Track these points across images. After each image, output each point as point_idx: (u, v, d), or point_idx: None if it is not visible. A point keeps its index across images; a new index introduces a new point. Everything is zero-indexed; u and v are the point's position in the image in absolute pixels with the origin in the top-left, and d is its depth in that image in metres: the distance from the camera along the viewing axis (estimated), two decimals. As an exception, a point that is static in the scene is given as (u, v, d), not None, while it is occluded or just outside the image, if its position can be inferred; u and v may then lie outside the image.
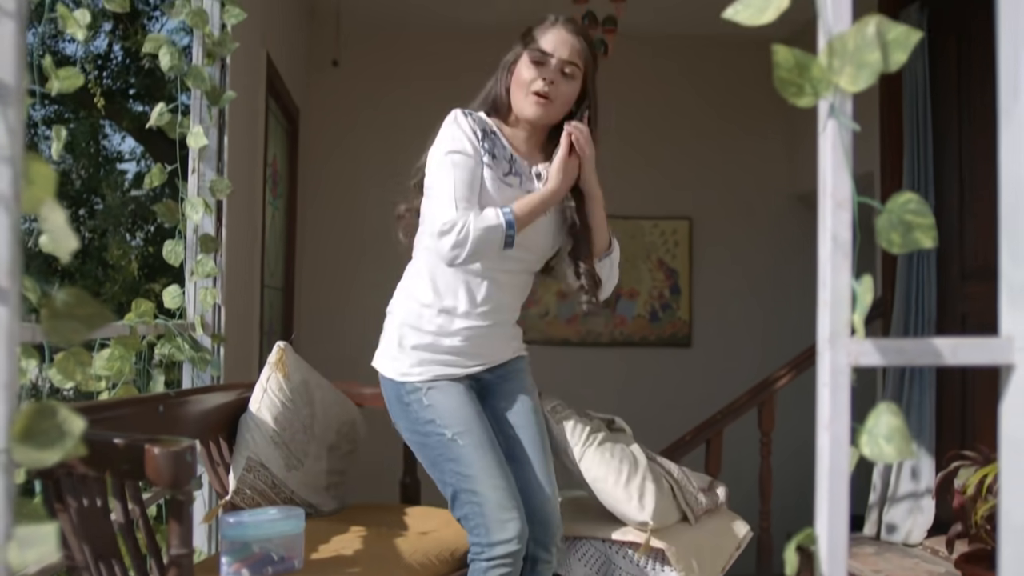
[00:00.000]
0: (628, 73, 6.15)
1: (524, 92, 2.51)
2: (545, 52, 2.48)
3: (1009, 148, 1.14)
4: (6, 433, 1.04)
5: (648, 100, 6.56)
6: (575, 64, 2.51)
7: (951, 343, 1.12)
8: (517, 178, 2.53)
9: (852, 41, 1.08)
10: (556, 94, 2.50)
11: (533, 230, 2.49)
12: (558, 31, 2.52)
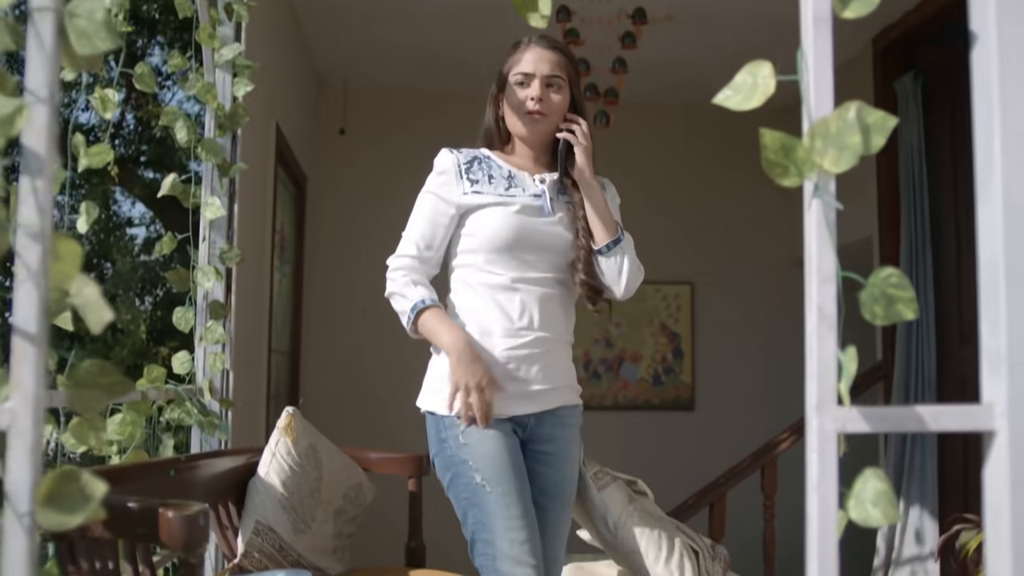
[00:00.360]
0: (631, 141, 6.26)
1: (519, 115, 2.53)
2: (527, 74, 2.51)
3: (986, 224, 1.20)
4: (31, 497, 1.09)
5: (650, 168, 6.66)
6: (558, 76, 2.53)
7: (933, 410, 1.16)
8: (519, 189, 2.52)
9: (834, 125, 1.14)
10: (548, 108, 2.51)
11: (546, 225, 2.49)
12: (534, 50, 2.54)
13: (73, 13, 1.15)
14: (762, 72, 1.20)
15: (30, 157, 1.12)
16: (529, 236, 2.45)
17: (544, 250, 2.47)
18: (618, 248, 2.47)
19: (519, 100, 2.52)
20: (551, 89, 2.52)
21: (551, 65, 2.52)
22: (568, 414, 2.53)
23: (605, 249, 2.47)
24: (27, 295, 1.10)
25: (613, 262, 2.47)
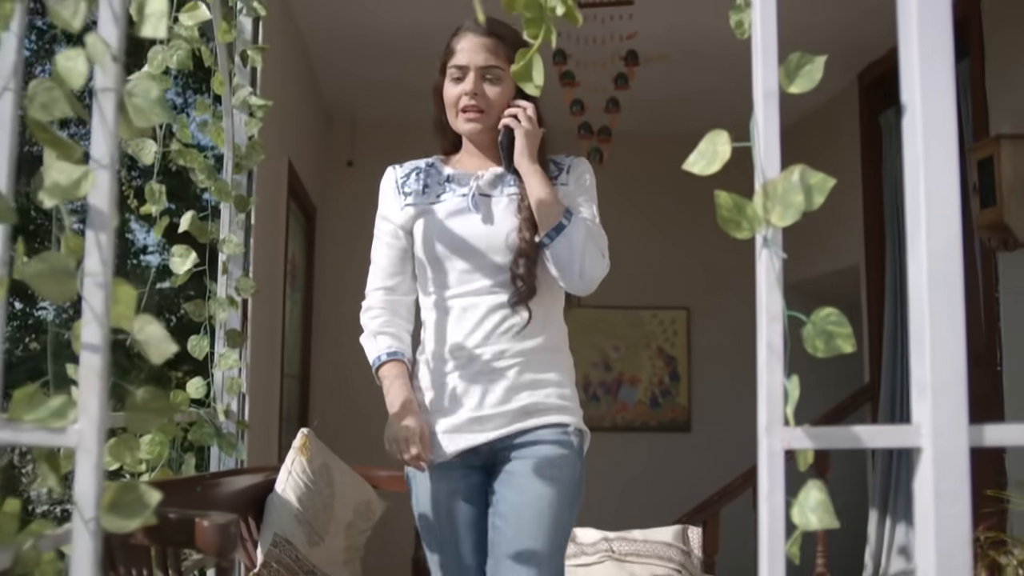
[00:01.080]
0: (629, 172, 6.44)
1: (454, 112, 2.29)
2: (461, 66, 2.25)
3: (914, 270, 1.37)
4: (96, 504, 1.27)
5: (648, 198, 6.83)
6: (495, 66, 2.24)
7: (869, 430, 1.33)
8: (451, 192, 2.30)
9: (781, 186, 1.31)
10: (485, 104, 2.25)
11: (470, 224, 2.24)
12: (468, 39, 2.26)
13: (131, 93, 1.34)
14: (720, 141, 1.38)
15: (94, 215, 1.30)
16: (451, 240, 2.22)
17: (476, 253, 2.21)
18: (560, 235, 2.14)
19: (453, 96, 2.27)
20: (488, 82, 2.24)
21: (487, 54, 2.24)
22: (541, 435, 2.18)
23: (546, 239, 2.15)
24: (92, 334, 1.28)
25: (557, 250, 2.15)
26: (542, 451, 2.16)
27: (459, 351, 2.19)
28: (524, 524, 2.10)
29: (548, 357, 2.23)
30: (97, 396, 1.28)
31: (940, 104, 1.36)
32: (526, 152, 2.19)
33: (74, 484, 1.27)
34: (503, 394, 2.17)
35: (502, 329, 2.18)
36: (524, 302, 2.17)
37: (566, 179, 2.30)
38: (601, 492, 6.45)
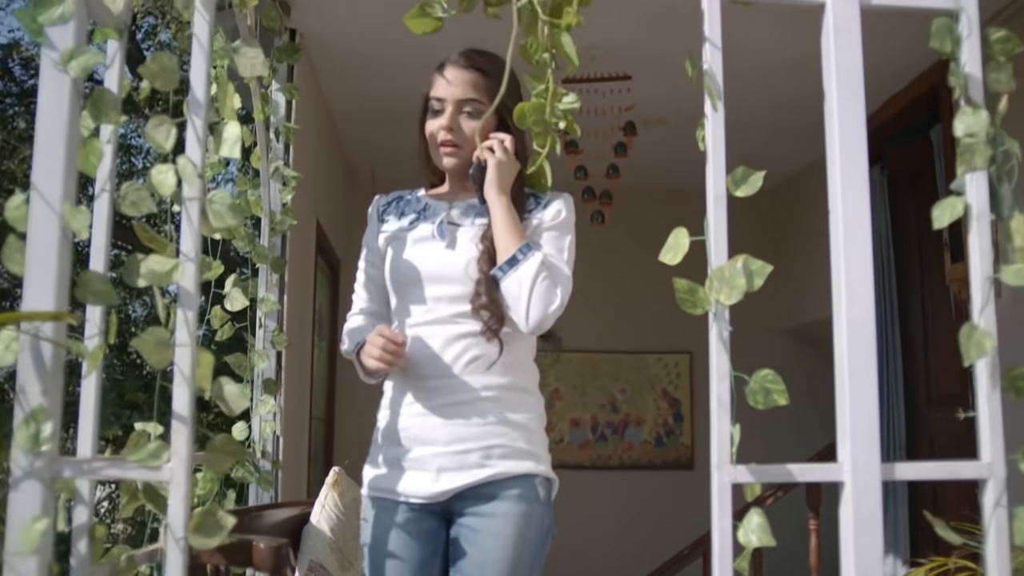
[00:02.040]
0: (635, 225, 6.74)
1: (434, 146, 2.22)
2: (440, 98, 2.18)
3: (839, 335, 1.68)
4: (184, 526, 1.58)
5: (653, 249, 7.09)
6: (474, 100, 2.14)
7: (800, 468, 1.63)
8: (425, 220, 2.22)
9: (727, 271, 1.62)
10: (461, 139, 2.17)
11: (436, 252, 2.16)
12: (449, 71, 2.18)
13: (211, 200, 1.66)
14: (682, 236, 1.69)
15: (184, 296, 1.62)
16: (413, 267, 2.14)
17: (435, 281, 2.13)
18: (513, 268, 2.03)
19: (432, 130, 2.20)
20: (466, 115, 2.16)
21: (467, 87, 2.15)
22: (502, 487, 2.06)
23: (499, 272, 2.04)
24: (181, 393, 1.60)
25: (508, 285, 2.04)
26: (507, 508, 2.03)
27: (420, 383, 2.08)
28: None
29: (516, 397, 2.11)
30: (185, 442, 1.59)
31: (857, 212, 1.68)
32: (495, 183, 2.08)
33: (167, 510, 1.59)
34: (466, 431, 2.04)
35: (465, 360, 2.07)
36: (494, 334, 2.05)
37: (541, 214, 2.17)
38: (609, 526, 6.72)
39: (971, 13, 1.77)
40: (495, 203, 2.08)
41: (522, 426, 2.09)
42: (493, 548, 1.99)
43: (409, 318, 2.14)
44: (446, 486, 2.03)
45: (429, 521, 2.07)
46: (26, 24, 1.62)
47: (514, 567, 1.99)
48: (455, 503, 2.04)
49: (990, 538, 1.69)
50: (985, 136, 1.74)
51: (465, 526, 2.02)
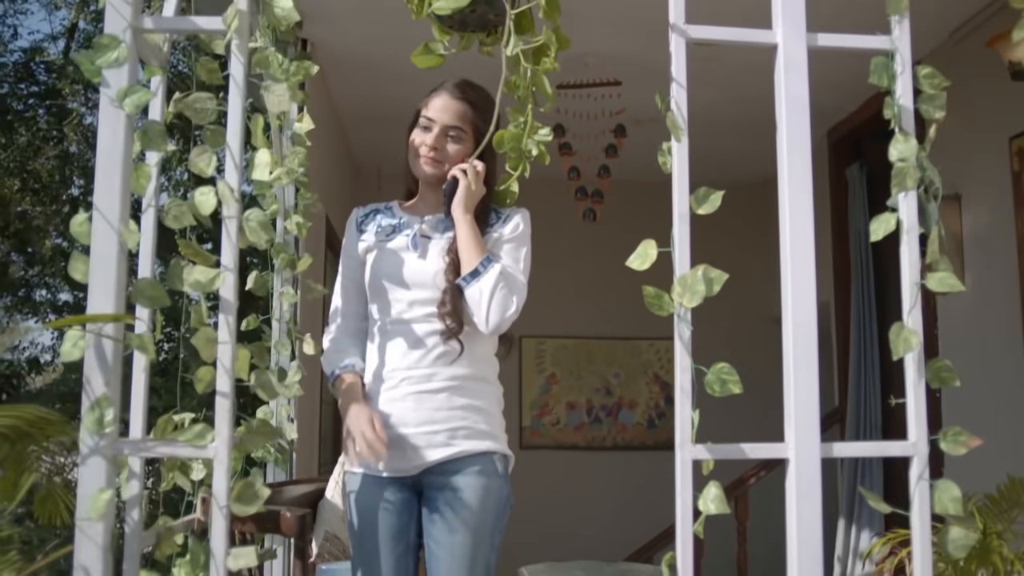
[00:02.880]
0: (628, 217, 6.98)
1: (415, 155, 2.45)
2: (430, 119, 2.41)
3: (786, 333, 1.92)
4: (227, 496, 1.82)
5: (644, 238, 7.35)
6: (459, 128, 2.39)
7: (751, 446, 1.88)
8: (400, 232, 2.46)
9: (690, 279, 1.86)
10: (442, 157, 2.41)
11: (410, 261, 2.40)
12: (442, 98, 2.43)
13: (247, 219, 1.90)
14: (650, 247, 1.92)
15: (224, 304, 1.86)
16: (393, 274, 2.38)
17: (411, 285, 2.36)
18: (475, 279, 2.28)
19: (417, 143, 2.44)
20: (450, 139, 2.41)
21: (454, 116, 2.40)
22: (464, 463, 2.30)
23: (462, 282, 2.29)
24: (223, 383, 1.84)
25: (471, 293, 2.28)
26: (470, 481, 2.27)
27: (394, 372, 2.33)
28: (456, 551, 2.24)
29: (477, 386, 2.37)
30: (227, 424, 1.84)
31: (802, 226, 1.92)
32: (462, 203, 2.32)
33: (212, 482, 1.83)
34: (434, 415, 2.29)
35: (435, 355, 2.31)
36: (454, 336, 2.30)
37: (500, 228, 2.40)
38: (603, 504, 6.97)
39: (904, 53, 2.01)
40: (460, 220, 2.33)
41: (483, 410, 2.37)
42: (459, 516, 2.25)
43: (387, 317, 2.38)
44: (417, 462, 2.28)
45: (403, 493, 2.31)
46: (85, 67, 1.85)
47: (478, 532, 2.25)
48: (425, 477, 2.29)
49: (914, 507, 1.94)
50: (915, 160, 1.98)
51: (434, 498, 2.28)
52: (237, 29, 1.93)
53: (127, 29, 1.89)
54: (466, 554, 2.24)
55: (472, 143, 2.40)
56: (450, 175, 2.38)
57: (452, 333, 2.31)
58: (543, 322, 7.07)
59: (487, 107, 2.35)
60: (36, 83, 6.59)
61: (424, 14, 1.87)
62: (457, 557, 2.24)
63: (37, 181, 5.97)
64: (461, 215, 2.33)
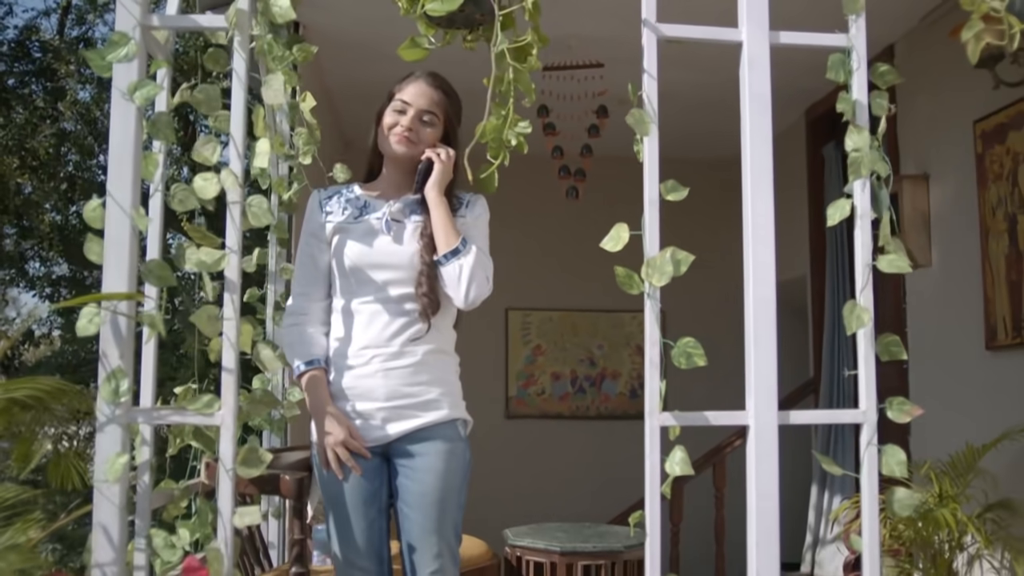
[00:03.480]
0: (611, 192, 7.10)
1: (388, 134, 2.51)
2: (405, 102, 2.50)
3: (748, 311, 2.07)
4: (232, 460, 1.97)
5: (626, 215, 7.48)
6: (433, 113, 2.50)
7: (714, 414, 2.03)
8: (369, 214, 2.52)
9: (659, 260, 2.00)
10: (416, 138, 2.49)
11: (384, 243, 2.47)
12: (418, 84, 2.52)
13: (250, 204, 2.04)
14: (623, 231, 2.06)
15: (229, 283, 2.00)
16: (367, 255, 2.45)
17: (386, 267, 2.45)
18: (455, 258, 2.40)
19: (391, 123, 2.51)
20: (424, 123, 2.50)
21: (429, 101, 2.50)
22: (430, 431, 2.43)
23: (443, 259, 2.40)
24: (228, 356, 1.99)
25: (450, 271, 2.39)
26: (436, 447, 2.41)
27: (365, 350, 2.42)
28: (427, 509, 2.38)
29: (439, 359, 2.48)
30: (232, 394, 1.98)
31: (763, 211, 2.06)
32: (437, 184, 2.44)
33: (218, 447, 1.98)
34: (402, 388, 2.41)
35: (406, 333, 2.41)
36: (430, 315, 2.41)
37: (465, 212, 2.52)
38: (587, 471, 7.13)
39: (860, 50, 2.15)
40: (435, 201, 2.44)
41: (445, 381, 2.48)
42: (428, 478, 2.39)
43: (357, 297, 2.46)
44: (388, 432, 2.40)
45: (373, 461, 2.41)
46: (96, 63, 1.97)
47: (444, 492, 2.39)
48: (394, 445, 2.41)
49: (863, 469, 2.10)
50: (868, 150, 2.12)
51: (404, 464, 2.41)
52: (238, 26, 2.06)
53: (136, 27, 2.01)
54: (437, 513, 2.38)
55: (441, 130, 2.52)
56: (425, 156, 2.48)
57: (428, 313, 2.41)
58: (529, 295, 7.21)
59: (457, 99, 2.55)
60: (31, 61, 6.65)
61: (415, 13, 1.99)
62: (429, 517, 2.37)
63: (35, 158, 6.06)
64: (436, 196, 2.44)
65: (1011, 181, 3.70)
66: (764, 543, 1.99)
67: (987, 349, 3.88)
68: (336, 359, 2.45)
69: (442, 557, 2.38)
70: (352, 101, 5.93)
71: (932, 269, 4.44)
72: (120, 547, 1.93)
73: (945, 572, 3.32)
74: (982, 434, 3.61)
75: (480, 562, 3.46)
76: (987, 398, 3.89)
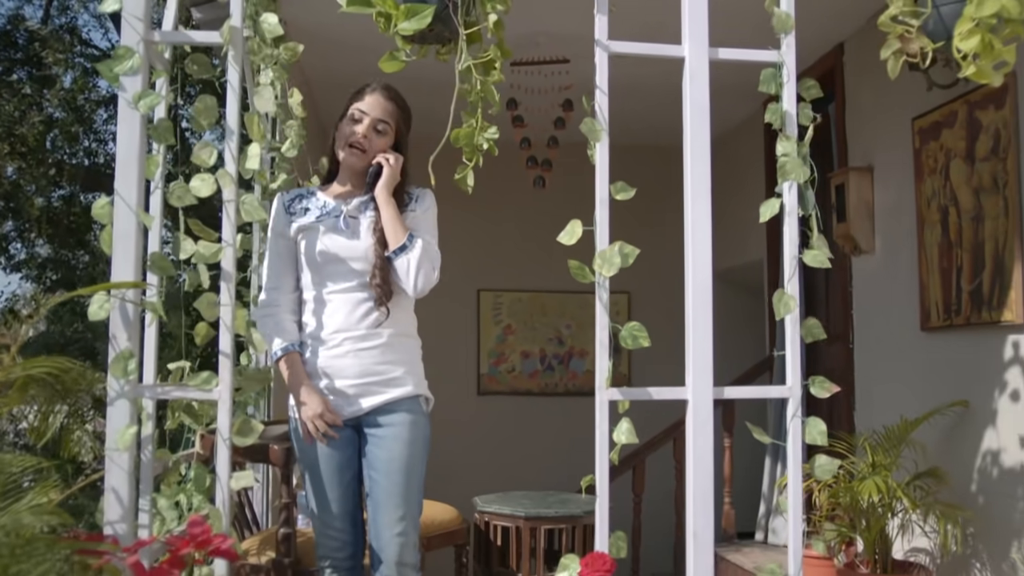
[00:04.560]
0: (579, 178, 7.33)
1: (343, 143, 2.71)
2: (362, 111, 2.69)
3: (688, 296, 2.30)
4: (229, 430, 2.19)
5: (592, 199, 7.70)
6: (386, 122, 2.70)
7: (657, 390, 2.27)
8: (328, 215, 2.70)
9: (609, 252, 2.24)
10: (369, 146, 2.68)
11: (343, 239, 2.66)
12: (374, 96, 2.72)
13: (244, 202, 2.25)
14: (577, 226, 2.28)
15: (225, 274, 2.22)
16: (329, 251, 2.65)
17: (346, 260, 2.65)
18: (404, 252, 2.59)
19: (347, 132, 2.71)
20: (377, 132, 2.69)
21: (383, 111, 2.70)
22: (396, 405, 2.64)
23: (393, 255, 2.60)
24: (226, 337, 2.21)
25: (400, 264, 2.60)
26: (402, 419, 2.63)
27: (336, 334, 2.63)
28: (393, 475, 2.59)
29: (402, 341, 2.70)
30: (229, 372, 2.20)
31: (701, 209, 2.29)
32: (385, 187, 2.64)
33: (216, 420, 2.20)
34: (371, 367, 2.62)
35: (370, 318, 2.63)
36: (384, 301, 2.62)
37: (415, 207, 2.74)
38: (555, 445, 7.36)
39: (790, 66, 2.39)
40: (384, 201, 2.65)
41: (408, 361, 2.71)
42: (395, 447, 2.61)
43: (324, 288, 2.67)
44: (358, 407, 2.62)
45: (346, 431, 2.63)
46: (106, 75, 2.18)
47: (410, 460, 2.61)
48: (364, 418, 2.63)
49: (789, 438, 2.35)
50: (796, 156, 2.35)
51: (374, 434, 2.63)
52: (232, 42, 2.27)
53: (140, 42, 2.21)
54: (402, 478, 2.60)
55: (392, 138, 2.73)
56: (375, 161, 2.69)
57: (381, 301, 2.62)
58: (499, 277, 7.42)
59: (407, 111, 2.78)
60: (18, 49, 6.77)
61: (391, 32, 2.20)
62: (395, 481, 2.59)
63: (24, 144, 6.21)
64: (385, 197, 2.64)
65: (944, 175, 3.95)
66: (700, 500, 2.23)
67: (922, 330, 4.13)
68: (312, 343, 2.65)
69: (405, 520, 2.58)
70: (330, 91, 6.11)
71: (875, 255, 4.70)
72: (129, 507, 2.14)
73: (878, 534, 3.58)
74: (918, 408, 3.87)
75: (451, 526, 3.70)
76: (922, 375, 4.16)
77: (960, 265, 3.83)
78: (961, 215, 3.83)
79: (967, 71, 2.20)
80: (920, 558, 3.92)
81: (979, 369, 3.72)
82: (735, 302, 6.97)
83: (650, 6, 2.92)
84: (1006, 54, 2.18)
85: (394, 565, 2.56)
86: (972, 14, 2.13)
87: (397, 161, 2.68)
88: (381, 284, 2.62)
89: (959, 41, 2.16)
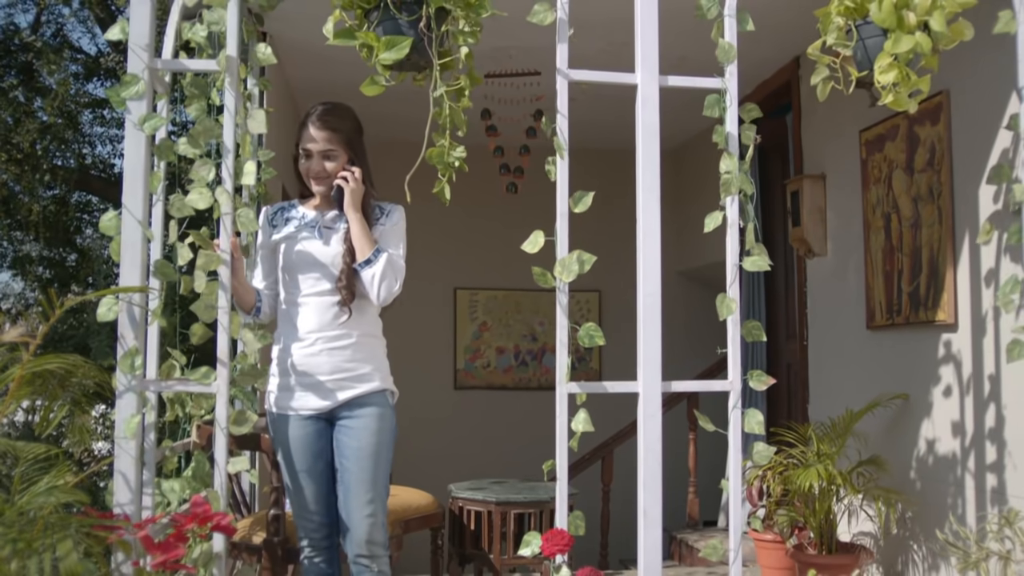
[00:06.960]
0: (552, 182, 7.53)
1: (307, 179, 2.89)
2: (307, 150, 2.86)
3: (639, 303, 2.53)
4: (226, 420, 2.40)
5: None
6: (330, 149, 2.83)
7: (613, 384, 2.49)
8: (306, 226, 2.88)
9: (568, 259, 2.46)
10: (326, 173, 2.84)
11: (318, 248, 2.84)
12: (308, 131, 2.87)
13: (239, 215, 2.46)
14: (539, 236, 2.51)
15: (222, 280, 2.43)
16: (305, 259, 2.82)
17: (320, 267, 2.82)
18: (369, 266, 2.77)
19: (303, 170, 2.89)
20: (327, 160, 2.84)
21: (323, 141, 2.83)
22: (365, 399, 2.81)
23: (358, 267, 2.78)
24: (222, 339, 2.41)
25: (365, 276, 2.78)
26: (370, 411, 2.80)
27: (310, 334, 2.80)
28: (363, 462, 2.76)
29: (369, 340, 2.89)
30: (226, 368, 2.41)
31: (651, 221, 2.51)
32: (350, 203, 2.80)
33: (215, 410, 2.41)
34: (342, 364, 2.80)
35: (341, 320, 2.80)
36: (347, 304, 2.79)
37: (385, 221, 2.90)
38: (529, 437, 7.54)
39: (732, 92, 2.61)
40: (352, 218, 2.82)
41: (376, 358, 2.89)
42: (365, 437, 2.78)
43: (300, 292, 2.84)
44: (330, 401, 2.79)
45: (319, 424, 2.81)
46: (113, 99, 2.38)
47: (377, 448, 2.79)
48: (335, 411, 2.80)
49: (730, 427, 2.57)
50: (737, 172, 2.58)
51: (344, 426, 2.80)
52: (228, 70, 2.48)
53: (144, 69, 2.42)
54: (371, 465, 2.78)
55: (344, 154, 2.86)
56: (335, 184, 2.84)
57: (346, 302, 2.80)
58: (475, 275, 7.62)
59: (348, 124, 2.90)
60: (12, 57, 6.90)
61: (372, 61, 2.42)
62: (364, 468, 2.76)
63: (19, 151, 6.35)
64: (352, 213, 2.81)
65: (887, 184, 4.20)
66: (650, 482, 2.45)
67: (868, 328, 4.38)
68: (289, 343, 2.82)
69: (374, 503, 2.76)
70: (314, 99, 6.31)
71: (828, 258, 4.94)
72: (136, 490, 2.35)
73: (824, 516, 3.82)
74: (864, 401, 4.12)
75: (427, 511, 3.92)
76: (867, 370, 4.41)
77: (901, 268, 4.08)
78: (902, 222, 4.08)
79: (886, 99, 2.43)
80: (865, 540, 4.16)
81: (917, 365, 3.96)
82: (703, 300, 7.17)
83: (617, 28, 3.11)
84: (921, 84, 2.42)
85: (364, 543, 2.73)
86: (890, 50, 2.37)
87: (354, 177, 2.82)
88: (346, 287, 2.79)
89: (879, 74, 2.40)
